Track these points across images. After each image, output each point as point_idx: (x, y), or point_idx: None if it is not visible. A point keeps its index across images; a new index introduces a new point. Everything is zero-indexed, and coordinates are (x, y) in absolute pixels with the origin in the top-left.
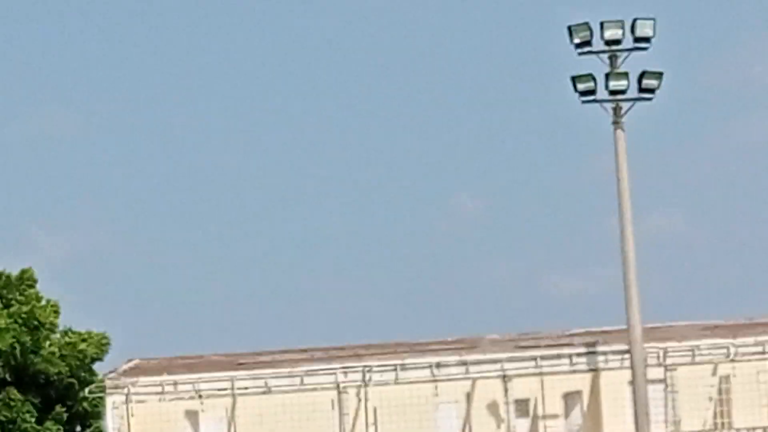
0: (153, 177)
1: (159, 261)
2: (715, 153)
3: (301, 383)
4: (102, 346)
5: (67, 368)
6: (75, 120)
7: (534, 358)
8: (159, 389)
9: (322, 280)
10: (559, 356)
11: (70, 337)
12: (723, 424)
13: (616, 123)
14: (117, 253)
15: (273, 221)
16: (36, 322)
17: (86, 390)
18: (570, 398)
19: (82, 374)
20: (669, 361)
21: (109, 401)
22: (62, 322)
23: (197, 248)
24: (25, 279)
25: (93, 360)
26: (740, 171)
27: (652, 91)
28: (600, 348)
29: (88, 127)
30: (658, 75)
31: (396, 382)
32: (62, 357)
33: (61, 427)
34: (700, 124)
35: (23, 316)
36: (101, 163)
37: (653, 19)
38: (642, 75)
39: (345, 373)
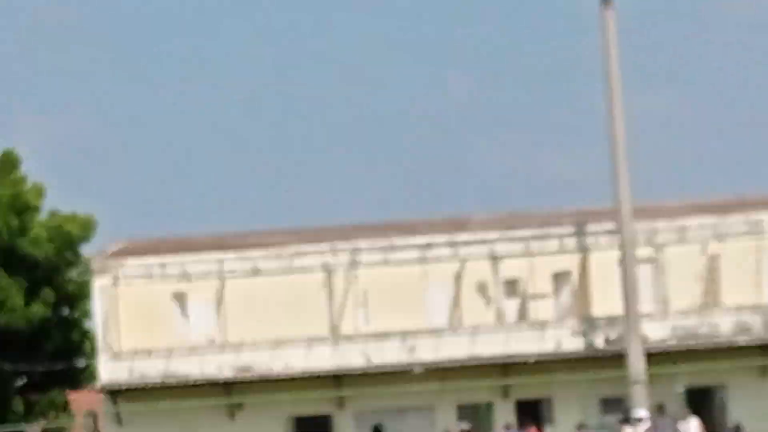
0: (138, 58)
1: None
2: (707, 31)
3: (290, 264)
4: (88, 227)
5: (53, 250)
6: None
7: (523, 239)
8: (146, 271)
9: (310, 161)
10: (548, 236)
11: (55, 219)
12: (711, 302)
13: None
14: (100, 134)
15: (262, 100)
16: (22, 205)
17: (73, 272)
18: (559, 278)
19: (69, 256)
20: (658, 240)
21: (96, 283)
22: (47, 205)
23: (183, 127)
24: (9, 160)
25: (79, 242)
26: (733, 50)
27: None
28: (589, 228)
29: (80, 11)
30: None
31: (385, 262)
32: (49, 239)
33: (48, 309)
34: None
35: (9, 198)
36: (84, 43)
37: None
38: None
39: (334, 253)
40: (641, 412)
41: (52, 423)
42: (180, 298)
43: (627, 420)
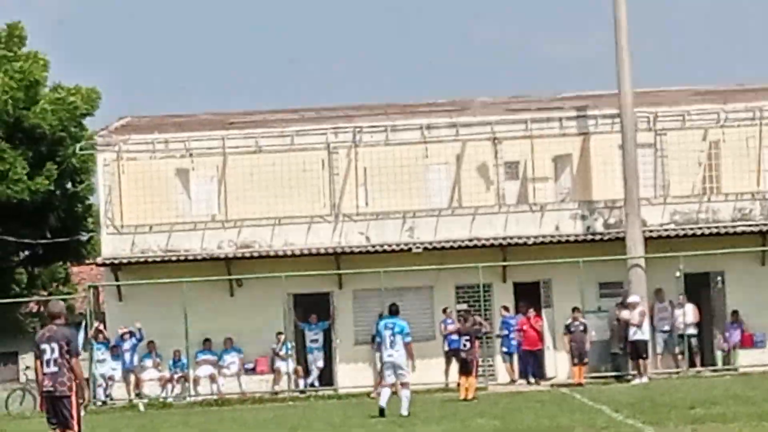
0: None
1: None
2: None
3: (292, 143)
4: (92, 100)
5: (58, 123)
6: None
7: (524, 121)
8: (150, 147)
9: (313, 42)
10: (549, 119)
11: (59, 92)
12: (711, 189)
13: None
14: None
15: None
16: (28, 78)
17: (77, 146)
18: (560, 161)
19: (73, 129)
20: (659, 125)
21: (100, 158)
22: (51, 78)
23: (189, 4)
24: (14, 34)
25: (83, 115)
26: None
27: None
28: (590, 112)
29: None
30: None
31: (386, 143)
32: (53, 112)
33: (52, 183)
34: None
35: (17, 72)
36: None
37: None
38: None
39: (335, 133)
40: (635, 297)
41: (54, 295)
42: (182, 174)
43: (624, 304)
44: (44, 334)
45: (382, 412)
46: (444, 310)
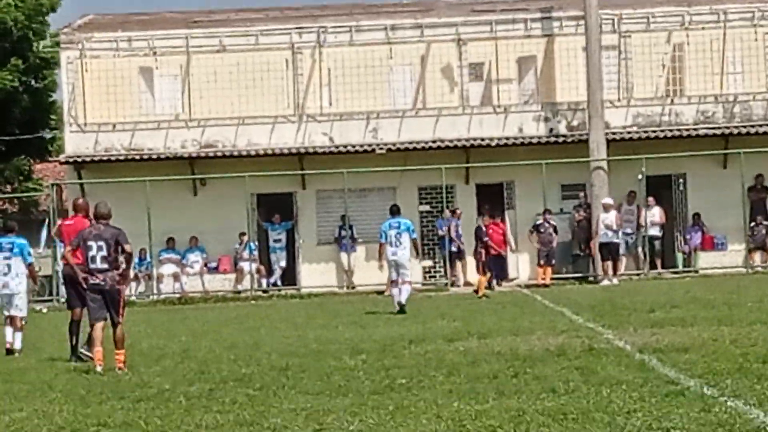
0: None
1: None
2: None
3: (256, 42)
4: None
5: (23, 18)
6: None
7: (489, 23)
8: (113, 45)
9: None
10: (514, 21)
11: None
12: (675, 91)
13: None
14: None
15: None
16: None
17: (40, 45)
18: (524, 63)
19: (36, 26)
20: (623, 27)
21: (63, 56)
22: None
23: None
24: None
25: (47, 11)
26: None
27: None
28: (555, 13)
29: None
30: None
31: (350, 43)
32: (16, 7)
33: (16, 78)
34: None
35: None
36: None
37: None
38: None
39: (300, 33)
40: (609, 199)
41: (18, 192)
42: (146, 73)
43: (581, 206)
44: (91, 232)
45: (402, 309)
46: (453, 212)
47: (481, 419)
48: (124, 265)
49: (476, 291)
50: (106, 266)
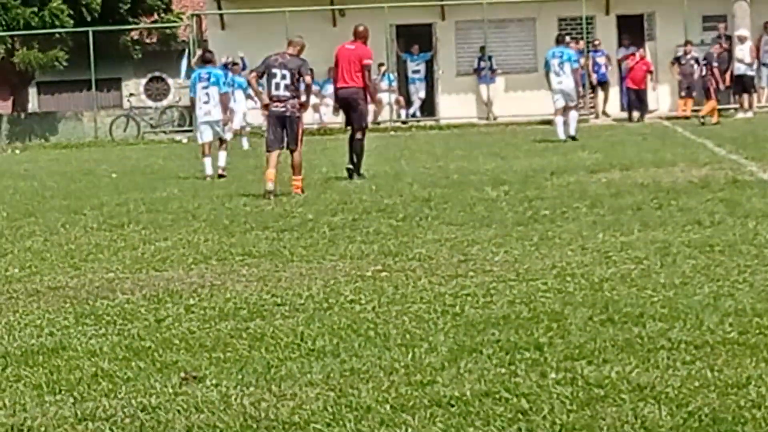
0: None
1: None
2: None
3: None
4: None
5: None
6: None
7: None
8: None
9: None
10: None
11: None
12: None
13: None
14: None
15: None
16: None
17: None
18: None
19: None
20: None
21: None
22: None
23: None
24: None
25: None
26: None
27: None
28: None
29: None
30: None
31: None
32: None
33: None
34: None
35: None
36: None
37: None
38: None
39: None
40: (744, 30)
41: (157, 22)
42: None
43: (720, 37)
44: (277, 59)
45: (573, 137)
46: (594, 44)
47: (627, 251)
48: (304, 96)
49: (701, 116)
50: (288, 94)
